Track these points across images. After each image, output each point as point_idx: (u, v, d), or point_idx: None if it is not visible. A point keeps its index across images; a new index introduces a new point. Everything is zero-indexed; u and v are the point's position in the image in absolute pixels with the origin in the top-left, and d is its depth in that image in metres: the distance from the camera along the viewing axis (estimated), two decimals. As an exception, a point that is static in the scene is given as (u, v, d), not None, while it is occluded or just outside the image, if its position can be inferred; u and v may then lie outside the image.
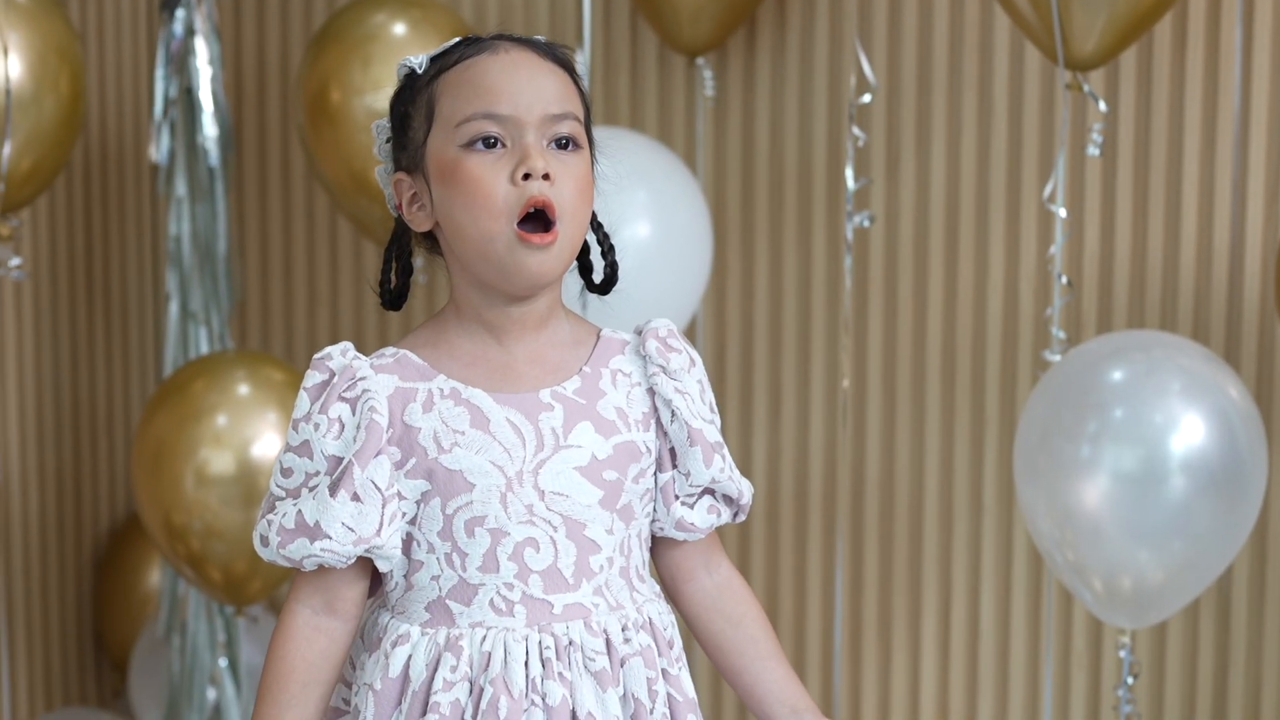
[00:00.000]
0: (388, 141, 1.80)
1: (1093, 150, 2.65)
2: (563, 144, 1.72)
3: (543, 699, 1.71)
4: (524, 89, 1.71)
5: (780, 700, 1.83)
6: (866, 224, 2.86)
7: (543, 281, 1.72)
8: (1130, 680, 2.65)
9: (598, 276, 1.84)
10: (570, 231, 1.71)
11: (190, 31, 3.01)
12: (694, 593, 1.85)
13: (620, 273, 1.84)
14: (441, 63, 1.76)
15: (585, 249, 1.84)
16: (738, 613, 1.85)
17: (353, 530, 1.70)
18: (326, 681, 1.76)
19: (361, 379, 1.72)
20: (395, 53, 2.77)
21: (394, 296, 1.84)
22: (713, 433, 1.80)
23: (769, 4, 3.03)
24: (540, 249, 1.69)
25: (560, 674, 1.72)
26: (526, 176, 1.69)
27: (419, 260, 1.85)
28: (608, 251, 1.82)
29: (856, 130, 2.86)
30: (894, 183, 3.01)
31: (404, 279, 1.84)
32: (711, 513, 1.82)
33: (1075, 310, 2.90)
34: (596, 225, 1.82)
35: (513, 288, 1.73)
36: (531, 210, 1.69)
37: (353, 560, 1.73)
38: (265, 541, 1.73)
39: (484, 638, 1.72)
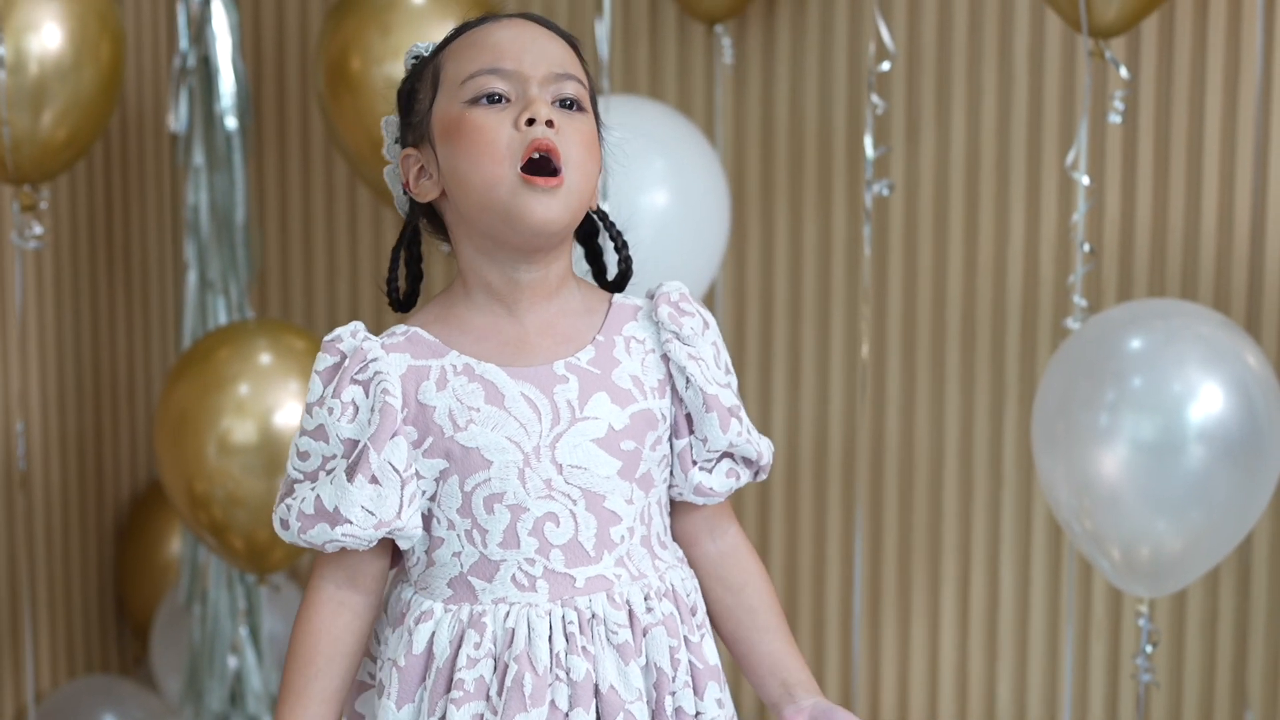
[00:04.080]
0: (396, 141, 1.79)
1: (1114, 117, 2.64)
2: (567, 104, 1.71)
3: (567, 674, 1.71)
4: (529, 48, 1.71)
5: (772, 672, 1.82)
6: (886, 192, 2.86)
7: (548, 229, 1.69)
8: (1149, 649, 2.65)
9: (611, 273, 1.83)
10: (576, 180, 1.69)
11: None
12: (697, 558, 1.83)
13: (634, 266, 1.82)
14: (446, 41, 1.76)
15: (598, 248, 1.83)
16: (739, 581, 1.83)
17: (373, 514, 1.69)
18: (351, 654, 1.76)
19: (373, 360, 1.71)
20: (414, 21, 2.76)
21: (403, 300, 1.82)
22: (729, 396, 1.78)
23: (788, -29, 3.03)
24: (545, 191, 1.67)
25: (584, 648, 1.71)
26: (530, 122, 1.68)
27: (437, 244, 1.84)
28: (621, 247, 1.81)
29: (876, 98, 2.85)
30: (914, 151, 3.00)
31: (413, 284, 1.82)
32: (730, 476, 1.80)
33: (1095, 278, 2.90)
34: (609, 223, 1.81)
35: (518, 236, 1.70)
36: (535, 156, 1.67)
37: (374, 543, 1.72)
38: (285, 525, 1.72)
39: (507, 614, 1.71)
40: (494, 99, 1.69)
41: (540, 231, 1.69)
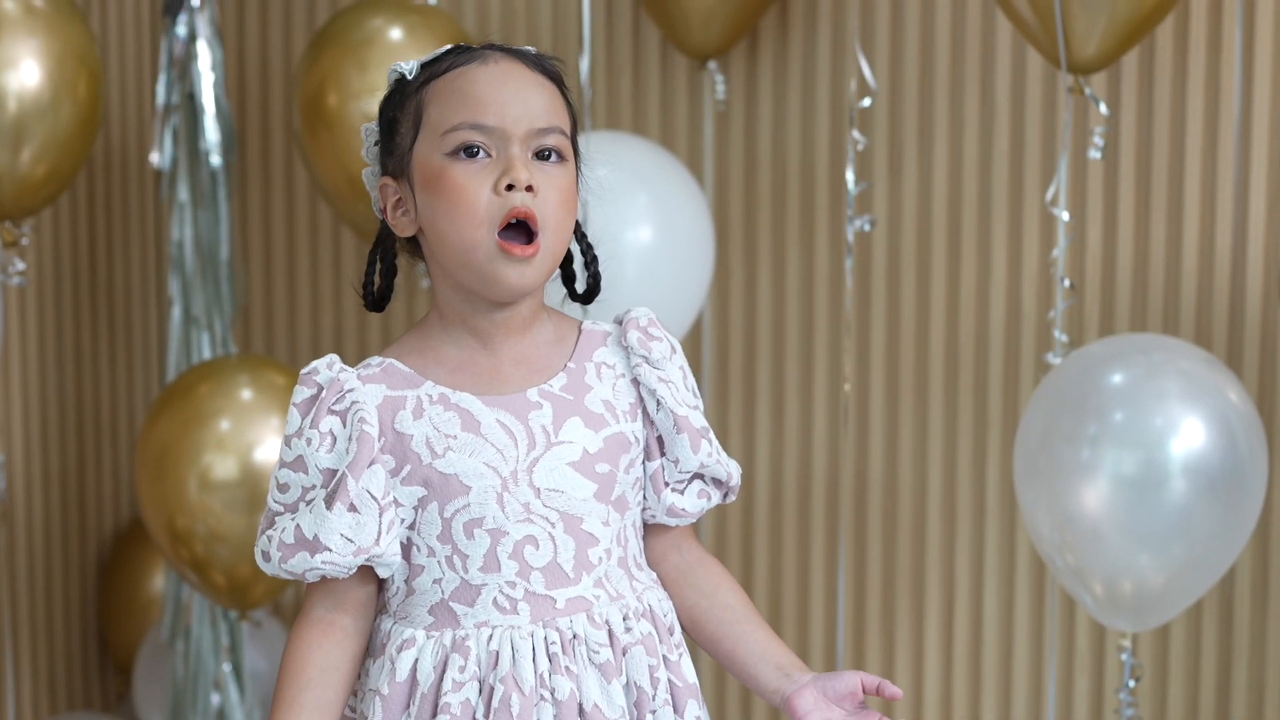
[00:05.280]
0: (375, 145, 1.81)
1: (1094, 153, 2.66)
2: (546, 155, 1.73)
3: (552, 694, 1.73)
4: (511, 101, 1.72)
5: (764, 659, 1.84)
6: (867, 227, 2.87)
7: (522, 292, 1.74)
8: (1132, 683, 2.65)
9: (580, 286, 1.85)
10: (552, 243, 1.73)
11: (193, 36, 3.01)
12: (667, 572, 1.86)
13: (611, 280, 1.85)
14: (431, 70, 1.77)
15: (568, 258, 1.85)
16: (710, 584, 1.87)
17: (352, 541, 1.71)
18: (343, 670, 1.77)
19: (349, 391, 1.74)
20: (392, 56, 2.77)
21: (376, 298, 1.85)
22: (698, 418, 1.82)
23: (771, 8, 3.03)
24: (521, 261, 1.71)
25: (567, 668, 1.74)
26: (510, 187, 1.70)
27: (420, 266, 1.86)
28: (590, 262, 1.84)
29: (857, 134, 2.86)
30: (896, 186, 3.01)
31: (387, 280, 1.85)
32: (702, 497, 1.84)
33: (1077, 313, 2.90)
34: (580, 235, 1.83)
35: (493, 296, 1.74)
36: (513, 221, 1.70)
37: (354, 570, 1.74)
38: (267, 557, 1.75)
39: (490, 637, 1.73)
40: (473, 152, 1.71)
41: (514, 295, 1.74)
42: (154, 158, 3.02)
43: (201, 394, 2.82)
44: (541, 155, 1.73)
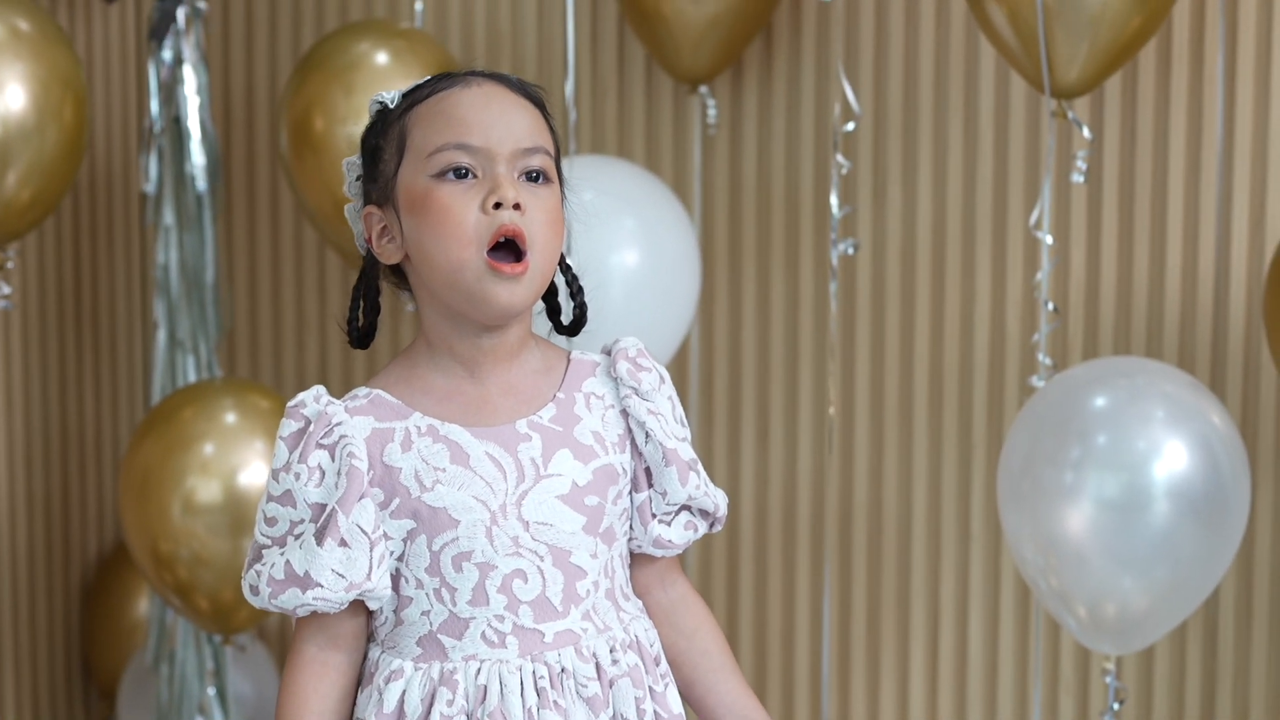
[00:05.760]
0: (358, 179, 1.81)
1: (1077, 177, 2.67)
2: (533, 177, 1.73)
3: None
4: (496, 122, 1.72)
5: (731, 711, 1.84)
6: (851, 251, 2.87)
7: (512, 311, 1.73)
8: (1116, 706, 2.65)
9: (566, 318, 1.84)
10: (540, 262, 1.72)
11: (178, 60, 3.01)
12: (650, 606, 1.85)
13: (597, 305, 1.85)
14: (413, 97, 1.77)
15: (553, 289, 1.84)
16: (690, 625, 1.86)
17: (343, 576, 1.70)
18: (340, 710, 1.77)
19: (338, 424, 1.73)
20: (378, 81, 2.78)
21: (361, 335, 1.84)
22: (686, 450, 1.81)
23: (755, 34, 3.04)
24: (510, 279, 1.70)
25: (555, 702, 1.73)
26: (497, 205, 1.70)
27: (398, 292, 1.85)
28: (576, 293, 1.83)
29: (841, 158, 2.87)
30: (880, 210, 3.02)
31: (371, 318, 1.84)
32: (689, 529, 1.83)
33: (1061, 337, 2.91)
34: (565, 266, 1.83)
35: (482, 316, 1.73)
36: (502, 239, 1.70)
37: (345, 605, 1.73)
38: (256, 591, 1.73)
39: (478, 670, 1.73)
40: (460, 173, 1.71)
41: (505, 314, 1.73)
42: (140, 181, 3.03)
43: (185, 418, 2.82)
44: (528, 176, 1.73)
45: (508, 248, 1.70)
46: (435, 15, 3.24)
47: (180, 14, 3.01)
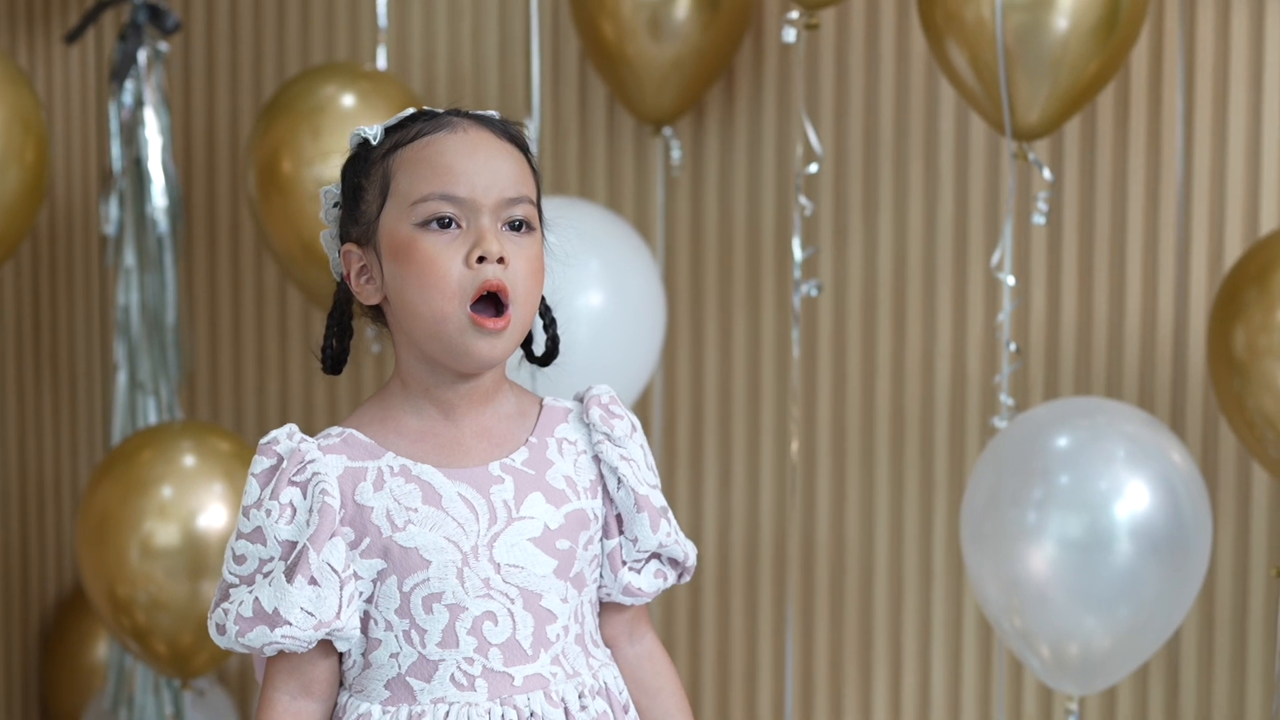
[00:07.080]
0: (335, 206, 1.80)
1: (1038, 219, 2.68)
2: (516, 226, 1.73)
3: None
4: (481, 171, 1.72)
5: None
6: (814, 293, 2.88)
7: (491, 364, 1.73)
8: (1079, 747, 2.65)
9: (539, 349, 1.85)
10: (521, 314, 1.72)
11: (140, 102, 3.01)
12: (616, 660, 1.85)
13: (562, 345, 1.85)
14: (398, 137, 1.75)
15: None
16: (655, 684, 1.86)
17: (312, 615, 1.69)
18: None
19: (310, 461, 1.72)
20: (346, 123, 2.78)
21: (334, 361, 1.84)
22: (658, 497, 1.81)
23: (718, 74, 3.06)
24: (491, 334, 1.70)
25: None
26: (481, 259, 1.70)
27: (370, 330, 1.85)
28: (549, 325, 1.84)
29: (804, 199, 2.88)
30: (841, 252, 3.03)
31: (343, 344, 1.84)
32: (659, 577, 1.83)
33: (1022, 377, 2.92)
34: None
35: (461, 367, 1.73)
36: (485, 294, 1.70)
37: (314, 644, 1.72)
38: (222, 630, 1.71)
39: (447, 713, 1.72)
40: (445, 223, 1.71)
41: (484, 367, 1.74)
42: (101, 223, 3.02)
43: (143, 460, 2.80)
44: (511, 225, 1.73)
45: (489, 301, 1.70)
46: (398, 57, 3.24)
47: (141, 55, 3.00)
